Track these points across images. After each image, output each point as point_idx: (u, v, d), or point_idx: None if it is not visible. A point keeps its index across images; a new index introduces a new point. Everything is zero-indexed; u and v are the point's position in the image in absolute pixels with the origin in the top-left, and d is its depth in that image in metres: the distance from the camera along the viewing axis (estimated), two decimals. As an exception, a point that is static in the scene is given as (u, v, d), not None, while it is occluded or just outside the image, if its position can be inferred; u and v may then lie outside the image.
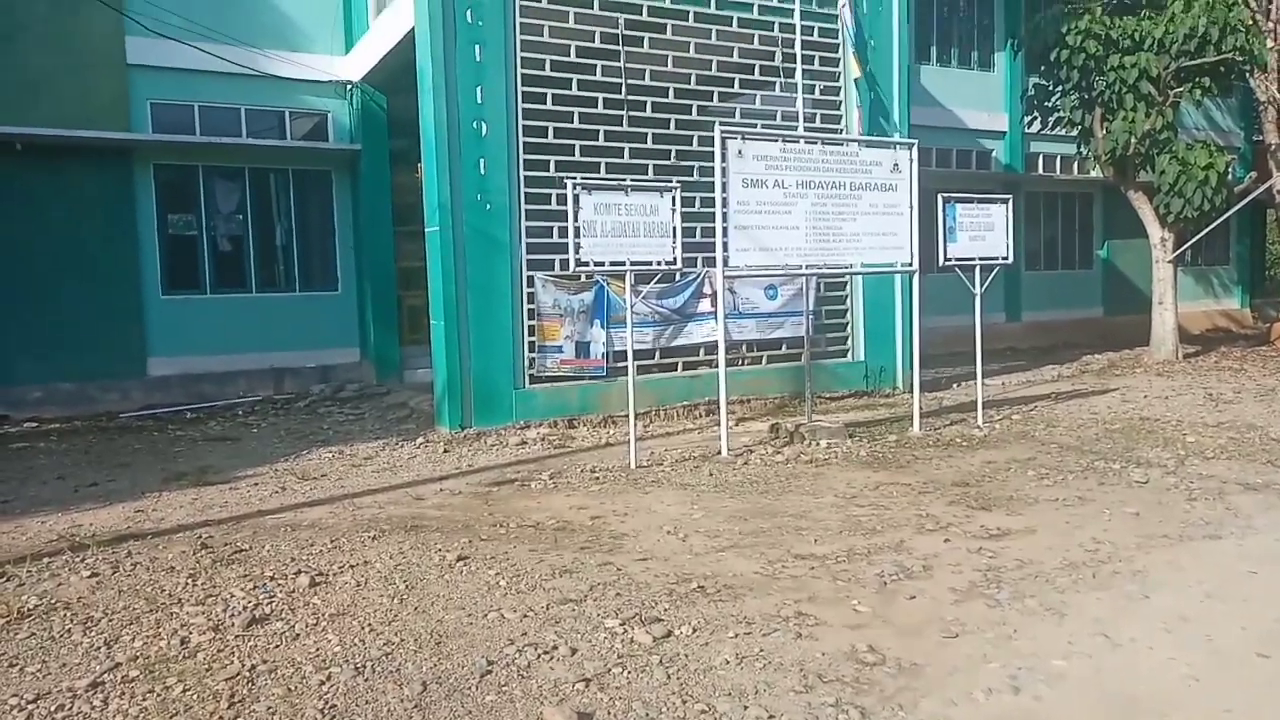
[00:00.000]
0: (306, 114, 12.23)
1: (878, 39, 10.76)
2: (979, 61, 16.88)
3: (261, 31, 11.61)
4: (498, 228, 8.74)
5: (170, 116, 11.37)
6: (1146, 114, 12.54)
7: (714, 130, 7.27)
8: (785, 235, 7.33)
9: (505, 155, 8.77)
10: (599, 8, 9.23)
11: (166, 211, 11.46)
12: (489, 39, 8.68)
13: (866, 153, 7.87)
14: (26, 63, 10.42)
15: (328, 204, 12.41)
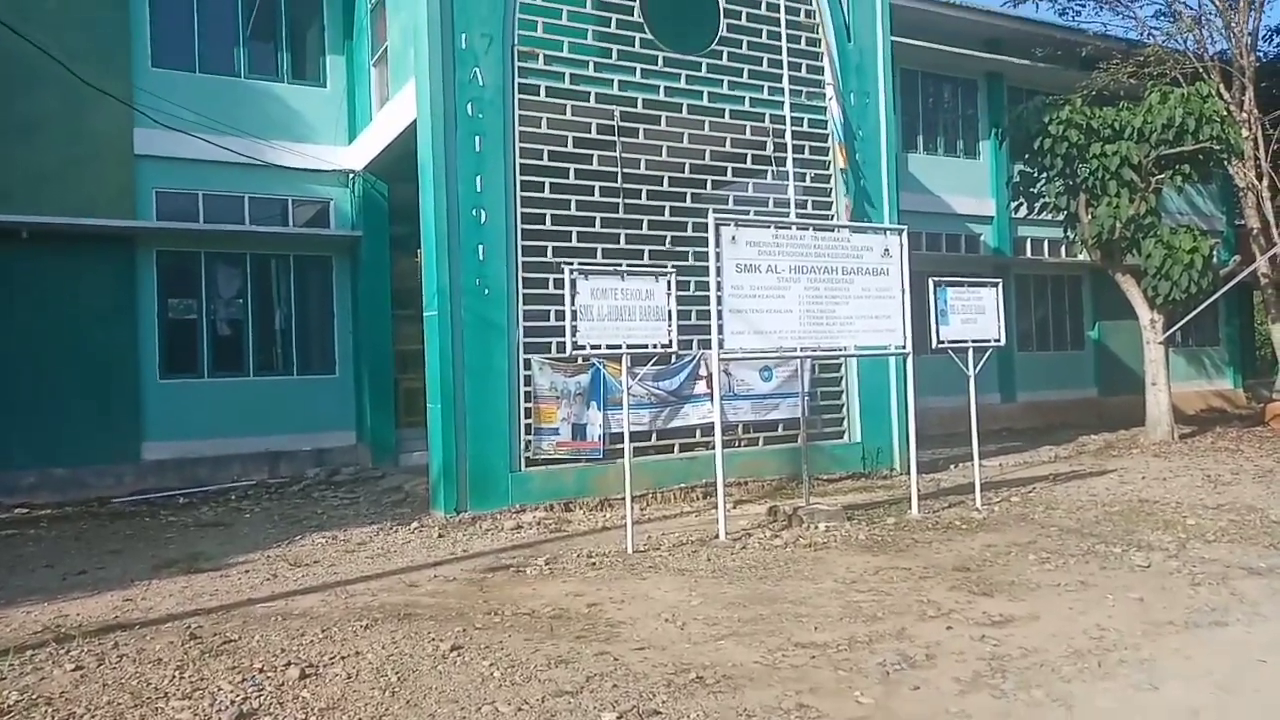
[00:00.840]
0: (309, 202, 12.50)
1: (865, 129, 11.10)
2: (964, 150, 17.39)
3: (268, 124, 11.97)
4: (495, 312, 8.85)
5: (175, 204, 11.61)
6: (1130, 200, 12.87)
7: (708, 217, 7.44)
8: (779, 319, 7.42)
9: (504, 242, 8.94)
10: (595, 100, 9.55)
11: (167, 296, 11.60)
12: (489, 130, 8.95)
13: (857, 238, 8.04)
14: (39, 155, 10.71)
15: (327, 288, 12.58)
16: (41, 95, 10.63)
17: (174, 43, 11.76)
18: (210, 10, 12.03)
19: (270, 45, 12.50)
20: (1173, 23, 15.32)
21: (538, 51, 9.25)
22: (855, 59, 11.04)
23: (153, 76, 11.40)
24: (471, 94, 8.88)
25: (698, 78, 10.11)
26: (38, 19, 10.53)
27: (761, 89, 10.44)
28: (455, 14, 8.83)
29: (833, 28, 10.88)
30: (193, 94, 11.46)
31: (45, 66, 9.98)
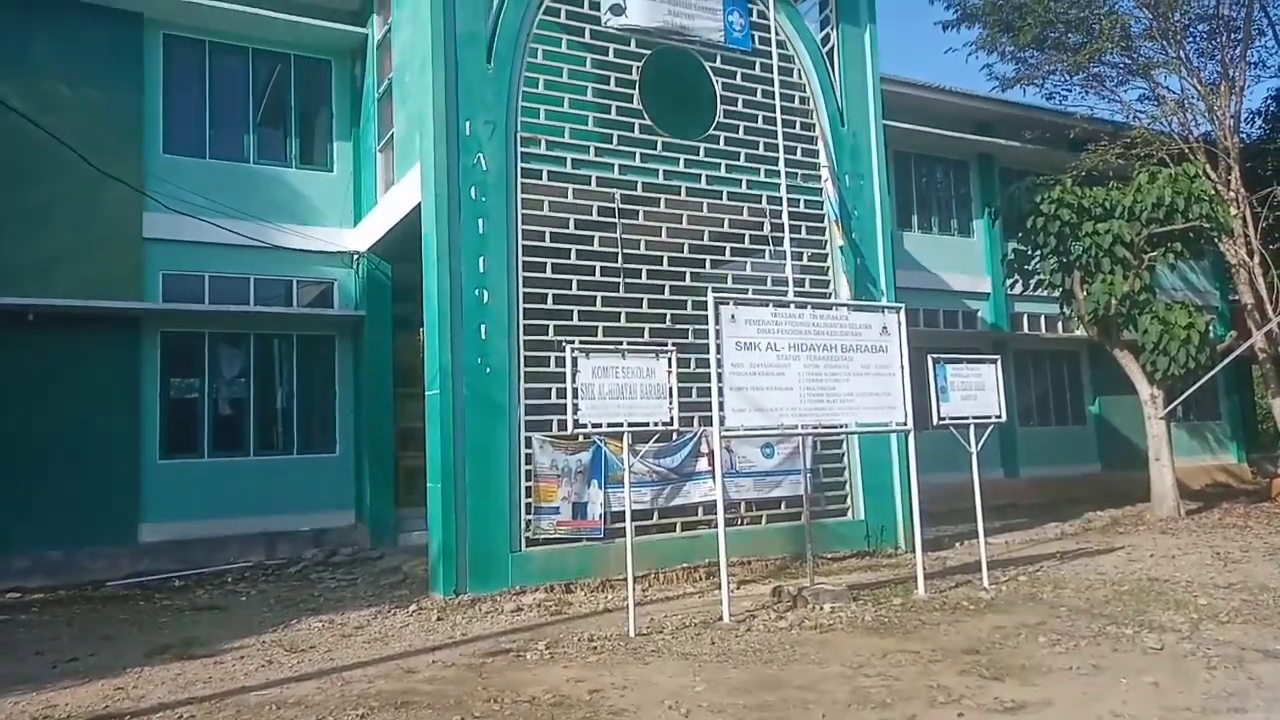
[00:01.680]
0: (313, 282, 12.67)
1: (860, 209, 11.33)
2: (959, 228, 17.70)
3: (275, 207, 12.22)
4: (497, 390, 8.87)
5: (181, 286, 11.75)
6: (1124, 277, 13.04)
7: (707, 295, 7.54)
8: (780, 396, 7.45)
9: (506, 321, 9.03)
10: (596, 183, 9.77)
11: (170, 376, 11.64)
12: (492, 212, 9.13)
13: (855, 316, 8.13)
14: (50, 238, 10.89)
15: (330, 368, 12.64)
16: (55, 181, 10.85)
17: (186, 129, 12.09)
18: (222, 98, 12.40)
19: (279, 131, 12.84)
20: (1157, 106, 15.77)
21: (540, 137, 9.52)
22: (849, 142, 11.34)
23: (164, 162, 11.69)
24: (475, 178, 9.10)
25: (696, 161, 10.37)
26: (55, 108, 10.87)
27: (758, 171, 10.69)
28: (460, 102, 9.11)
29: (826, 113, 11.21)
30: (203, 179, 11.73)
31: (59, 153, 10.18)
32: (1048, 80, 16.41)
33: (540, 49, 9.63)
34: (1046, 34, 15.54)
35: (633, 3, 10.05)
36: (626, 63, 10.07)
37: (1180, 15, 14.96)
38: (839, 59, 11.49)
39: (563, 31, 9.80)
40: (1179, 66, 15.19)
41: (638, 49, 10.14)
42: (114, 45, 11.53)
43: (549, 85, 9.63)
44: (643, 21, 10.09)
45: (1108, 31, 14.80)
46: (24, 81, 10.89)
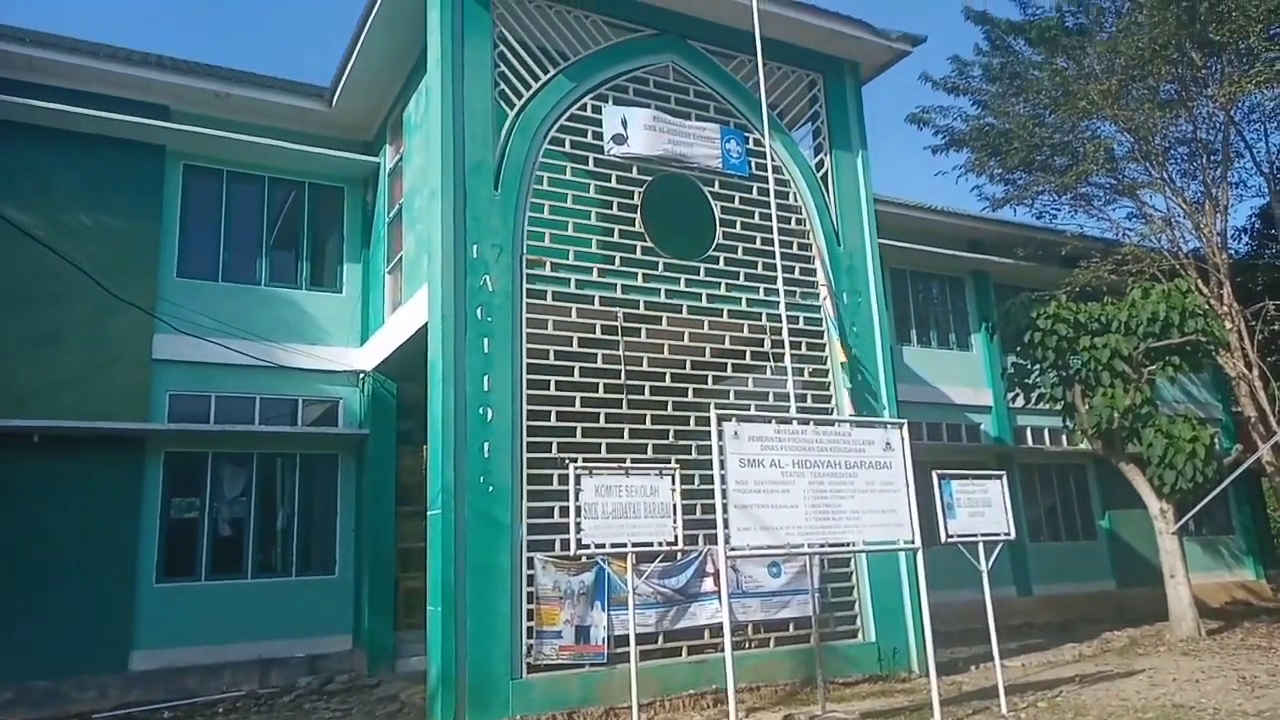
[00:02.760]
0: (319, 401, 12.75)
1: (859, 325, 11.51)
2: (957, 342, 17.91)
3: (283, 327, 12.44)
4: (499, 509, 8.79)
5: (186, 407, 11.82)
6: (1125, 390, 13.09)
7: (710, 411, 7.57)
8: (785, 514, 7.37)
9: (509, 438, 9.04)
10: (599, 303, 9.97)
11: (171, 497, 11.55)
12: (497, 332, 9.28)
13: (858, 432, 8.13)
14: (61, 362, 11.04)
15: (332, 487, 12.56)
16: (68, 304, 11.09)
17: (200, 253, 12.43)
18: (237, 223, 12.79)
19: (291, 254, 13.21)
20: (1145, 224, 16.22)
21: (545, 259, 9.78)
22: (846, 261, 11.63)
23: (176, 285, 11.97)
24: (481, 299, 9.30)
25: (696, 280, 10.61)
26: (74, 234, 11.25)
27: (758, 290, 10.92)
28: (469, 226, 9.41)
29: (823, 233, 11.55)
30: (214, 301, 12.01)
31: (75, 277, 10.54)
32: (1037, 200, 16.98)
33: (546, 176, 10.03)
34: (1033, 157, 16.17)
35: (634, 133, 10.53)
36: (628, 188, 10.46)
37: (1160, 139, 15.59)
38: (833, 182, 11.92)
39: (567, 160, 10.22)
40: (1163, 187, 15.72)
41: (639, 175, 10.55)
42: (135, 175, 11.98)
43: (554, 210, 9.97)
44: (644, 150, 10.53)
45: (1092, 154, 15.39)
46: (46, 210, 11.29)
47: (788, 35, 11.68)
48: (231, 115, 12.61)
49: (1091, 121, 15.70)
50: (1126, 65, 14.50)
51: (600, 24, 10.75)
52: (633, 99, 10.75)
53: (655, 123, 10.71)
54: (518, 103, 10.02)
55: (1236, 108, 15.02)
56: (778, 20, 11.26)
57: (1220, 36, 13.63)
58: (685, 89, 11.19)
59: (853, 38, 12.05)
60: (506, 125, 9.89)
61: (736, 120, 11.42)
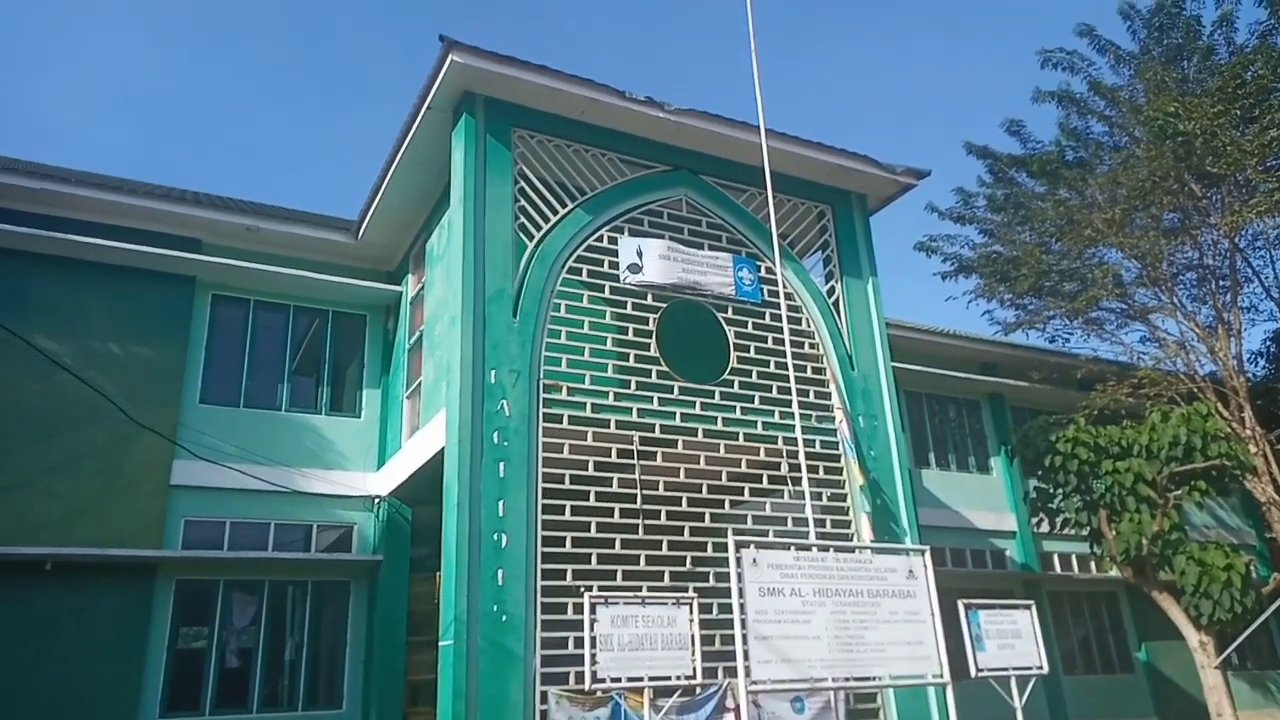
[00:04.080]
0: (333, 527, 12.65)
1: (877, 448, 11.45)
2: (977, 465, 17.70)
3: (302, 453, 12.51)
4: (513, 640, 8.56)
5: (200, 533, 11.74)
6: (1151, 515, 12.78)
7: (727, 537, 7.45)
8: (807, 646, 7.13)
9: (523, 566, 8.90)
10: (615, 426, 10.01)
11: (180, 626, 11.31)
12: (513, 456, 9.29)
13: (880, 559, 7.95)
14: (78, 488, 11.05)
15: (342, 616, 12.30)
16: (89, 431, 11.18)
17: (224, 381, 12.63)
18: (261, 351, 13.04)
19: (313, 380, 13.42)
20: (1159, 348, 16.24)
21: (561, 384, 9.90)
22: (860, 385, 11.69)
23: (198, 412, 12.12)
24: (498, 423, 9.36)
25: (711, 404, 10.67)
26: (99, 361, 11.51)
27: (773, 413, 10.95)
28: (487, 352, 9.58)
29: (836, 358, 11.67)
30: (234, 427, 12.13)
31: (96, 404, 10.73)
32: (1049, 324, 17.10)
33: (563, 304, 10.28)
34: (1042, 283, 16.40)
35: (649, 262, 10.85)
36: (643, 314, 10.68)
37: (1168, 265, 15.82)
38: (844, 308, 12.14)
39: (584, 288, 10.50)
40: (1174, 312, 15.83)
41: (654, 302, 10.80)
42: (165, 305, 12.32)
43: (571, 336, 10.17)
44: (658, 279, 10.82)
45: (1100, 281, 15.62)
46: (77, 339, 11.58)
47: (797, 170, 12.17)
48: (261, 247, 13.10)
49: (1098, 249, 16.01)
50: (1129, 196, 14.90)
51: (616, 161, 11.26)
52: (648, 230, 11.13)
53: (669, 252, 11.05)
54: (537, 234, 10.40)
55: (1240, 235, 15.30)
56: (786, 156, 11.76)
57: (1218, 169, 14.05)
58: (698, 220, 11.59)
59: (859, 172, 12.53)
60: (526, 255, 10.23)
61: (748, 249, 11.76)
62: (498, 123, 10.61)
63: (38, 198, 11.79)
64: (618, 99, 10.86)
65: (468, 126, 10.44)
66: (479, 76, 10.33)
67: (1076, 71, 15.87)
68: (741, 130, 11.44)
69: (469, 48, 10.05)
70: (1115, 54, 15.69)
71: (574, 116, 10.98)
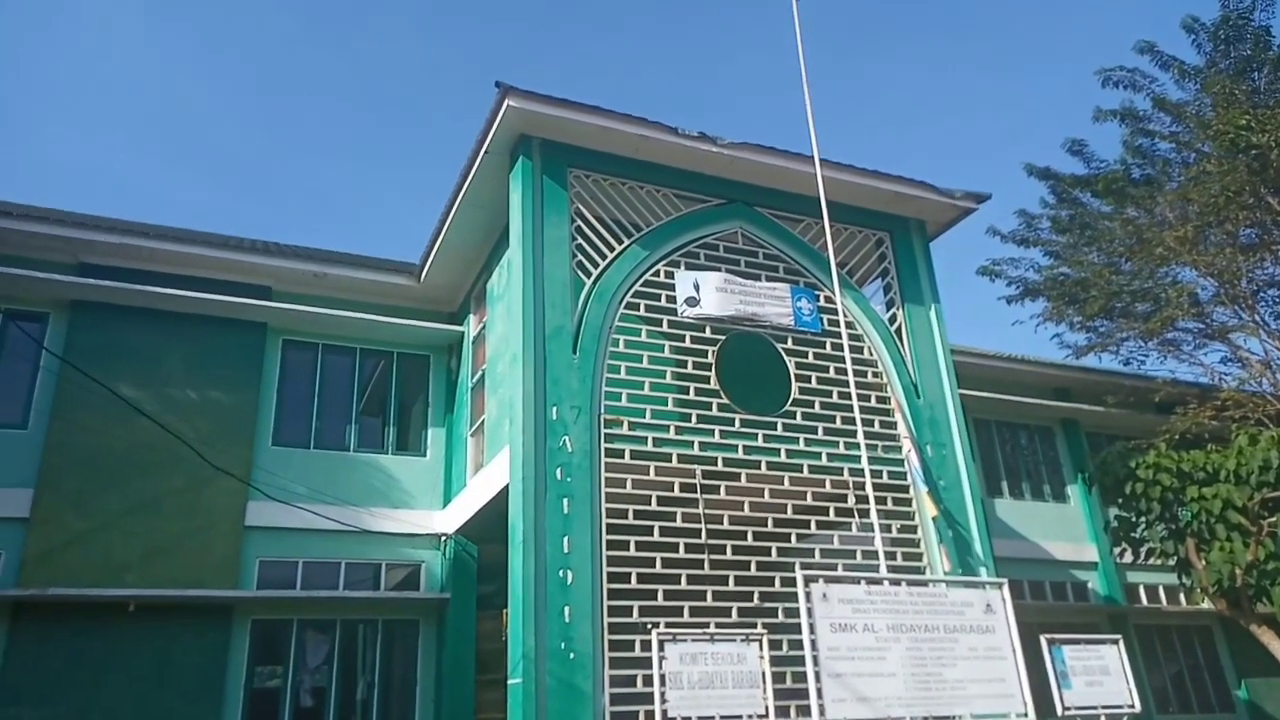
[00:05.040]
0: (401, 565, 12.81)
1: (947, 478, 11.16)
2: (1052, 494, 17.11)
3: (370, 492, 12.73)
4: (581, 678, 8.50)
5: (275, 573, 12.00)
6: (1245, 544, 12.14)
7: (795, 572, 7.31)
8: (882, 683, 6.93)
9: (590, 602, 8.85)
10: (677, 460, 9.96)
11: (256, 665, 11.54)
12: (576, 492, 9.30)
13: (956, 593, 7.72)
14: (159, 529, 11.41)
15: (412, 654, 12.39)
16: (167, 475, 11.56)
17: (294, 422, 12.98)
18: (329, 393, 13.39)
19: (379, 421, 13.70)
20: (1242, 368, 15.56)
21: (622, 419, 9.90)
22: (927, 414, 11.44)
23: (271, 454, 12.45)
24: (561, 459, 9.39)
25: (774, 436, 10.55)
26: (177, 407, 11.92)
27: (837, 444, 10.77)
28: (548, 390, 9.66)
29: (901, 386, 11.46)
30: (305, 468, 12.42)
31: (174, 448, 11.15)
32: (1122, 347, 16.52)
33: (622, 339, 10.32)
34: (1113, 305, 15.89)
35: (706, 295, 10.85)
36: (702, 347, 10.66)
37: (1247, 282, 15.21)
38: (907, 335, 11.94)
39: (642, 323, 10.54)
40: (1256, 330, 15.17)
41: (713, 334, 10.77)
42: (238, 351, 12.75)
43: (630, 370, 10.19)
44: (716, 311, 10.81)
45: (1175, 300, 15.05)
46: (155, 386, 12.01)
47: (853, 198, 12.09)
48: (327, 292, 13.50)
49: (1170, 267, 15.47)
50: (1201, 212, 14.40)
51: (671, 196, 11.34)
52: (704, 263, 11.15)
53: (727, 285, 11.04)
54: (594, 271, 10.49)
55: (1323, 248, 14.65)
56: (842, 185, 11.70)
57: (1296, 181, 13.51)
58: (755, 252, 11.57)
59: (917, 198, 12.39)
60: (584, 292, 10.32)
61: (806, 279, 11.68)
62: (553, 163, 10.79)
63: (120, 252, 12.36)
64: (670, 135, 10.96)
65: (524, 168, 10.64)
66: (534, 119, 10.54)
67: (1139, 89, 15.48)
68: (795, 161, 11.43)
69: (524, 92, 10.28)
70: (1180, 69, 15.26)
71: (627, 154, 11.12)
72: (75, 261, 12.22)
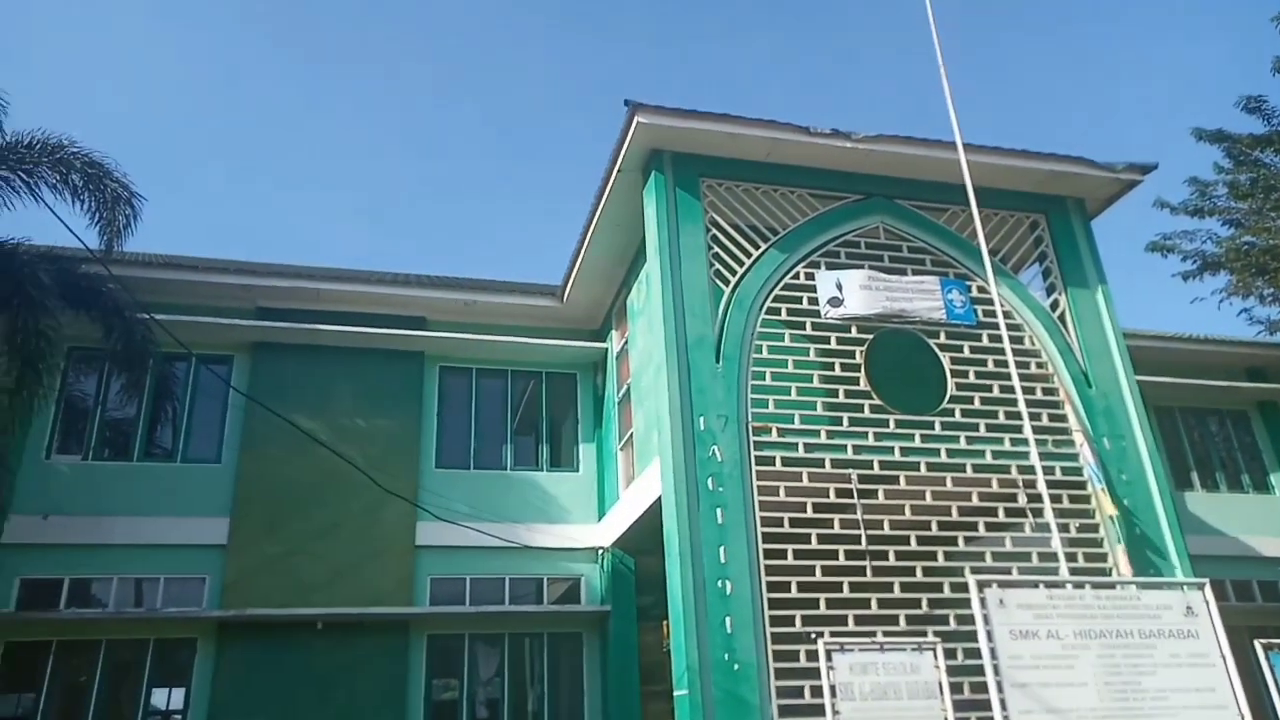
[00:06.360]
0: (562, 579, 13.12)
1: (1128, 472, 10.35)
2: (1253, 484, 15.55)
3: (527, 509, 13.13)
4: (747, 689, 8.39)
5: (445, 590, 12.56)
6: None
7: (966, 577, 6.95)
8: (1073, 694, 6.44)
9: (750, 613, 8.74)
10: (830, 465, 9.71)
11: (433, 677, 12.09)
12: (729, 502, 9.23)
13: (1150, 595, 7.10)
14: (339, 551, 12.18)
15: (577, 666, 12.65)
16: (345, 500, 12.34)
17: (454, 444, 13.58)
18: (485, 415, 13.94)
19: (532, 439, 14.13)
20: None
21: (771, 426, 9.76)
22: (1101, 404, 10.67)
23: (435, 476, 13.06)
24: (711, 469, 9.35)
25: (932, 435, 10.12)
26: (348, 436, 12.69)
27: (1002, 440, 10.20)
28: (694, 400, 9.65)
29: (1069, 376, 10.75)
30: (466, 488, 12.96)
31: (348, 475, 11.89)
32: (1323, 317, 14.91)
33: (765, 344, 10.19)
34: (1309, 271, 14.38)
35: (849, 294, 10.56)
36: (849, 348, 10.37)
37: None
38: (1072, 322, 11.21)
39: (784, 327, 10.37)
40: None
41: (859, 334, 10.46)
42: (400, 380, 13.47)
43: (776, 376, 10.03)
44: (861, 310, 10.50)
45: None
46: (328, 418, 12.85)
47: (1002, 182, 11.48)
48: (477, 319, 14.08)
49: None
50: None
51: (806, 197, 11.13)
52: (845, 262, 10.87)
53: (871, 282, 10.71)
54: (732, 279, 10.42)
55: None
56: (989, 169, 11.12)
57: None
58: (898, 246, 11.17)
59: (1073, 175, 11.64)
60: (724, 300, 10.27)
61: (956, 270, 11.17)
62: (686, 175, 10.82)
63: (291, 295, 13.34)
64: (802, 135, 10.77)
65: (657, 183, 10.72)
66: (664, 133, 10.61)
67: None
68: (936, 148, 10.98)
69: (652, 107, 10.38)
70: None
71: (759, 159, 11.01)
72: (253, 306, 13.28)
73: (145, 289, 11.95)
